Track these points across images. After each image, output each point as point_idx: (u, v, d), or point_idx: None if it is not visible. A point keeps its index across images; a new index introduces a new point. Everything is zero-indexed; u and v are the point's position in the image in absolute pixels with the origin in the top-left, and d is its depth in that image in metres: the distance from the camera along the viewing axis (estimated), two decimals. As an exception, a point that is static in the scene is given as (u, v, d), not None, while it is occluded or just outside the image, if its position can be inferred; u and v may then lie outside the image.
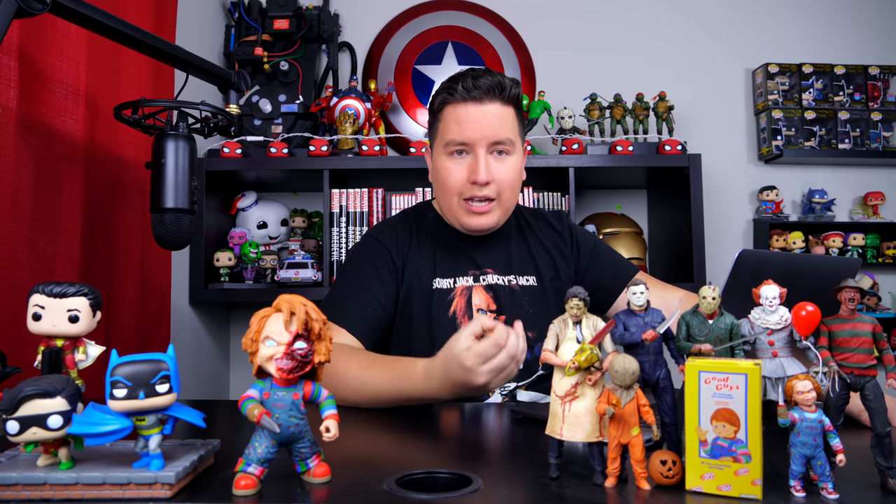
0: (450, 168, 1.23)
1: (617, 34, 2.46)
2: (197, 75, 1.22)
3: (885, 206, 2.37)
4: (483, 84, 1.19)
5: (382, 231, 1.33)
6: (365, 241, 1.34)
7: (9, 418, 0.60)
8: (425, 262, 1.29)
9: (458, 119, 1.21)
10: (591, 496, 0.61)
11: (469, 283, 1.27)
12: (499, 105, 1.21)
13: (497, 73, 1.23)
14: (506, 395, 1.21)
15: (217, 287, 1.99)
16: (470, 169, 1.21)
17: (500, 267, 1.30)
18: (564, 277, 1.32)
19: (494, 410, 1.06)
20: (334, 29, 2.30)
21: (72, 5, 0.94)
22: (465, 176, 1.21)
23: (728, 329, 0.67)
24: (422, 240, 1.32)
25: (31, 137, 1.17)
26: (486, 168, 1.19)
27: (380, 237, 1.32)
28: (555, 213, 1.43)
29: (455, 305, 1.25)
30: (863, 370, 0.63)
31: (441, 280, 1.27)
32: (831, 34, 2.47)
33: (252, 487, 0.61)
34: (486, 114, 1.20)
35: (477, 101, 1.20)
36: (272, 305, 0.64)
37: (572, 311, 0.66)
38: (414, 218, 1.37)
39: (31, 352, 0.71)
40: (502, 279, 1.28)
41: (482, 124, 1.19)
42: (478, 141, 1.20)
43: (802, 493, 0.59)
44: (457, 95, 1.20)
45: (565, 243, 1.36)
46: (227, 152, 1.99)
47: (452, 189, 1.23)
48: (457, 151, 1.22)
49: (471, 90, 1.19)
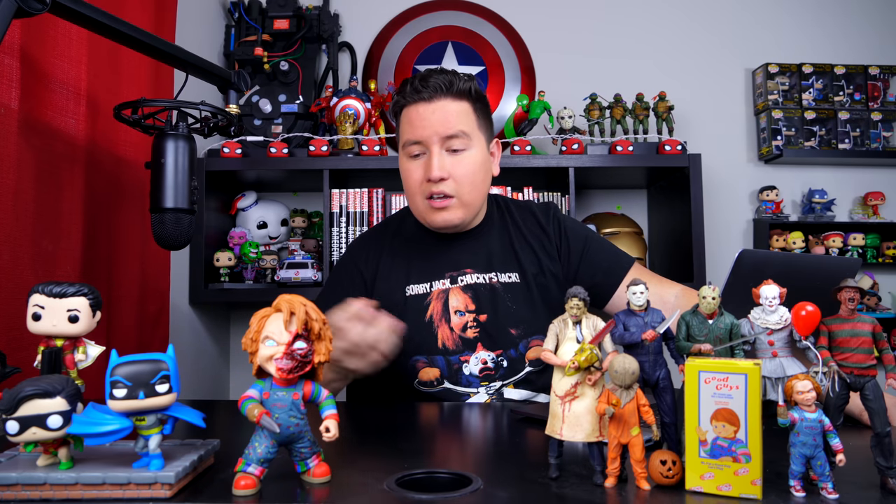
0: (409, 169, 1.25)
1: (617, 34, 2.46)
2: (197, 75, 1.22)
3: (885, 206, 2.37)
4: (431, 83, 1.21)
5: (354, 247, 1.38)
6: (340, 260, 1.40)
7: (9, 418, 0.60)
8: (398, 271, 1.29)
9: (410, 120, 1.23)
10: (591, 496, 0.61)
11: (446, 285, 1.26)
12: (449, 101, 1.21)
13: (449, 71, 1.24)
14: (492, 393, 1.21)
15: (217, 287, 1.99)
16: (425, 167, 1.22)
17: (480, 265, 1.28)
18: (549, 274, 1.29)
19: (494, 410, 1.06)
20: (334, 29, 2.30)
21: (72, 5, 0.94)
22: (422, 175, 1.22)
23: (728, 329, 0.67)
24: (395, 248, 1.33)
25: (33, 137, 1.17)
26: (440, 165, 1.20)
27: (352, 251, 1.37)
28: (542, 207, 1.39)
29: (432, 309, 1.24)
30: (863, 370, 0.63)
31: (415, 286, 1.27)
32: (831, 34, 2.47)
33: (252, 487, 0.61)
34: (436, 111, 1.21)
35: (426, 100, 1.21)
36: (272, 305, 0.65)
37: (572, 311, 0.66)
38: (391, 227, 1.38)
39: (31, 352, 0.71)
40: (482, 277, 1.27)
41: (432, 121, 1.20)
42: (429, 138, 1.21)
43: (802, 493, 0.59)
44: (407, 97, 1.23)
45: (549, 239, 1.32)
46: (227, 152, 1.99)
47: (413, 189, 1.24)
48: (414, 154, 1.24)
49: (419, 90, 1.21)
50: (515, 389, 1.22)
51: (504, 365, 1.22)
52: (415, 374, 1.22)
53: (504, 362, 1.22)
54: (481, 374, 1.21)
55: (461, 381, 1.22)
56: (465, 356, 1.22)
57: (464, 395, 1.21)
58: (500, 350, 1.22)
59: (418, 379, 1.22)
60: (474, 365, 1.21)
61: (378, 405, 1.13)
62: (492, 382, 1.21)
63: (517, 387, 1.23)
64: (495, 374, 1.22)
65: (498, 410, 1.06)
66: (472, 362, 1.21)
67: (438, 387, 1.22)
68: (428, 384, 1.22)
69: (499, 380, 1.22)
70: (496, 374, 1.22)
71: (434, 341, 1.22)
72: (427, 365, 1.22)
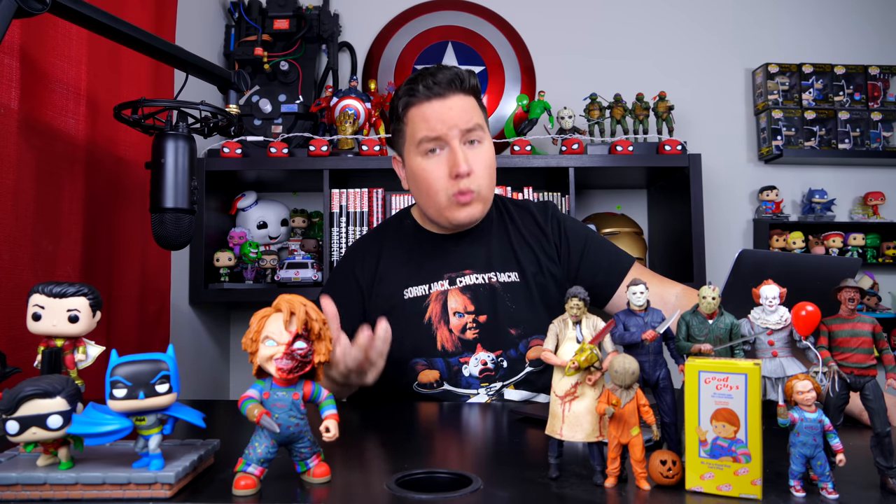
0: (427, 168, 1.22)
1: (617, 34, 2.46)
2: (197, 75, 1.22)
3: (885, 206, 2.37)
4: (442, 79, 1.20)
5: (351, 252, 1.37)
6: (338, 265, 1.39)
7: (9, 418, 0.60)
8: (395, 274, 1.29)
9: (426, 117, 1.20)
10: (591, 496, 0.61)
11: (444, 287, 1.25)
12: (461, 96, 1.21)
13: (452, 67, 1.23)
14: (493, 394, 1.21)
15: (217, 287, 1.99)
16: (450, 163, 1.19)
17: (479, 266, 1.28)
18: (548, 273, 1.28)
19: (494, 410, 1.06)
20: (334, 29, 2.30)
21: (72, 5, 0.94)
22: (447, 171, 1.20)
23: (728, 329, 0.67)
24: (393, 251, 1.32)
25: (33, 137, 1.17)
26: (465, 158, 1.19)
27: (349, 255, 1.36)
28: (540, 206, 1.38)
29: (430, 311, 1.24)
30: (863, 370, 0.63)
31: (413, 289, 1.26)
32: (831, 34, 2.47)
33: (252, 487, 0.61)
34: (452, 106, 1.20)
35: (440, 96, 1.20)
36: (272, 305, 0.65)
37: (572, 311, 0.66)
38: (389, 230, 1.37)
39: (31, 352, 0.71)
40: (482, 277, 1.26)
41: (450, 116, 1.19)
42: (449, 132, 1.19)
43: (802, 493, 0.59)
44: (419, 95, 1.20)
45: (548, 240, 1.31)
46: (227, 152, 1.99)
47: (437, 187, 1.21)
48: (431, 149, 1.21)
49: (432, 87, 1.20)
50: (516, 390, 1.22)
51: (504, 365, 1.22)
52: (414, 376, 1.22)
53: (504, 363, 1.22)
54: (481, 375, 1.21)
55: (461, 382, 1.21)
56: (464, 357, 1.21)
57: (464, 396, 1.21)
58: (499, 351, 1.22)
59: (418, 381, 1.22)
60: (474, 366, 1.21)
61: (378, 405, 1.12)
62: (492, 383, 1.21)
63: (517, 387, 1.22)
64: (495, 375, 1.21)
65: (498, 410, 1.06)
66: (472, 363, 1.21)
67: (438, 389, 1.21)
68: (427, 386, 1.22)
69: (499, 381, 1.21)
70: (496, 375, 1.21)
71: (433, 343, 1.22)
72: (426, 367, 1.22)
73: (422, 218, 1.35)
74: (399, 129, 1.27)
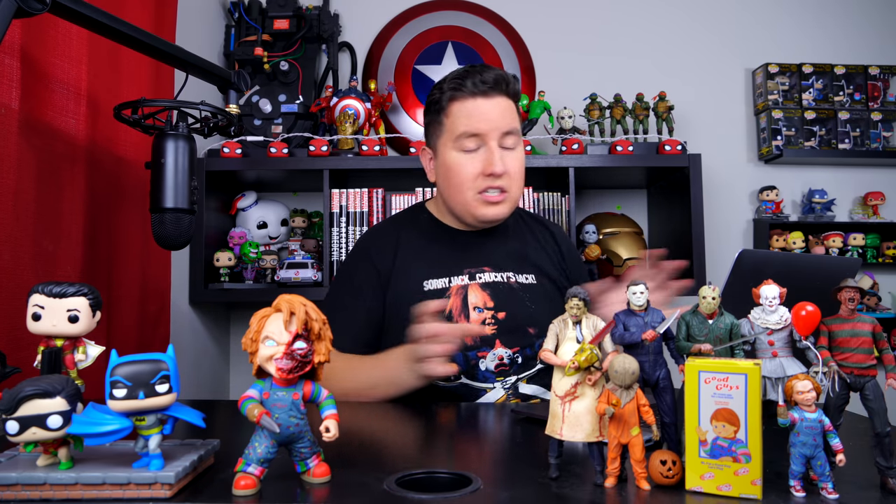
0: (462, 163, 1.24)
1: (617, 34, 2.46)
2: (197, 75, 1.22)
3: (885, 206, 2.37)
4: (489, 78, 1.23)
5: (367, 238, 1.38)
6: (352, 252, 1.39)
7: (9, 418, 0.60)
8: (415, 265, 1.29)
9: (469, 113, 1.23)
10: (591, 496, 0.61)
11: (465, 281, 1.27)
12: (504, 98, 1.25)
13: (497, 68, 1.27)
14: (508, 388, 1.22)
15: (217, 287, 1.99)
16: (485, 161, 1.23)
17: (497, 264, 1.30)
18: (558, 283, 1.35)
19: (494, 410, 1.06)
20: (334, 29, 2.30)
21: (72, 5, 0.94)
22: (479, 169, 1.23)
23: (728, 329, 0.67)
24: (412, 242, 1.33)
25: (33, 137, 1.17)
26: (501, 159, 1.22)
27: (366, 244, 1.36)
28: (558, 226, 1.48)
29: (451, 304, 1.25)
30: (863, 370, 0.63)
31: (434, 281, 1.27)
32: (831, 34, 2.47)
33: (252, 487, 0.61)
34: (495, 106, 1.23)
35: (485, 95, 1.23)
36: (272, 305, 0.65)
37: (572, 311, 0.66)
38: (405, 221, 1.38)
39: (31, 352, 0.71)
40: (500, 276, 1.28)
41: (494, 115, 1.23)
42: (490, 132, 1.22)
43: (802, 493, 0.59)
44: (465, 90, 1.23)
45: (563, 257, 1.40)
46: (227, 152, 1.98)
47: (465, 183, 1.24)
48: (468, 146, 1.24)
49: (479, 85, 1.22)
50: (529, 385, 1.23)
51: (518, 361, 1.23)
52: None
53: (519, 358, 1.23)
54: (496, 369, 1.22)
55: (478, 376, 1.22)
56: (482, 352, 1.22)
57: (480, 390, 1.22)
58: (516, 347, 1.23)
59: None
60: (490, 361, 1.22)
61: (378, 405, 1.12)
62: (507, 377, 1.22)
63: (530, 382, 1.24)
64: (510, 370, 1.23)
65: (498, 410, 1.06)
66: (489, 358, 1.22)
67: (455, 382, 1.22)
68: (445, 379, 1.22)
69: (513, 374, 1.23)
70: (511, 370, 1.23)
71: None
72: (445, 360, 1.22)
73: (440, 212, 1.37)
74: (438, 121, 1.29)
